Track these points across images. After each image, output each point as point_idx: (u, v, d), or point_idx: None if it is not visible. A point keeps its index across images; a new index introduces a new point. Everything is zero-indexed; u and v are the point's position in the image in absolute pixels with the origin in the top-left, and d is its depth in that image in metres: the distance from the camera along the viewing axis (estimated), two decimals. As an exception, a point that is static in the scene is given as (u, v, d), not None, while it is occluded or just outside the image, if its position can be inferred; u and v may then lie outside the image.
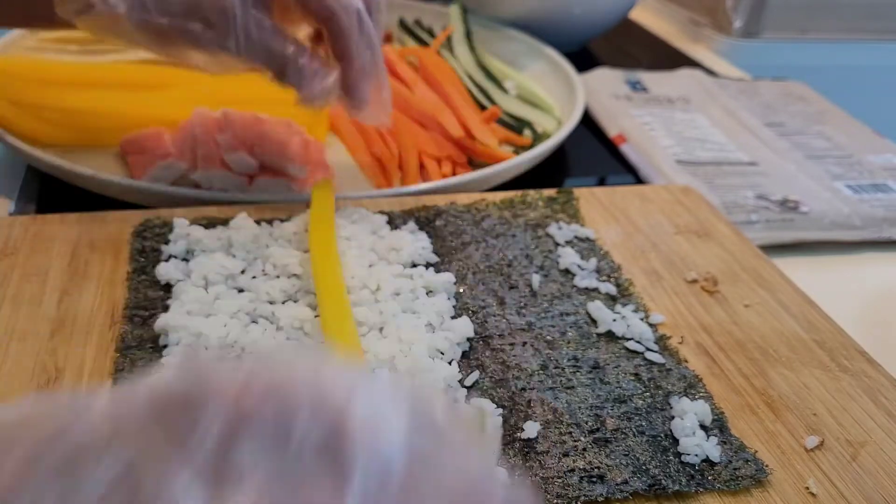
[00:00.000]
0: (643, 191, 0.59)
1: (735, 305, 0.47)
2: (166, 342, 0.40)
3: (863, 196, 0.66)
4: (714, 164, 0.70)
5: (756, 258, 0.52)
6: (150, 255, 0.46)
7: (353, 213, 0.50)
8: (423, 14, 0.92)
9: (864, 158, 0.74)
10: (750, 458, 0.36)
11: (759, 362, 0.43)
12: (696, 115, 0.80)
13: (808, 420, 0.39)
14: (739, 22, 1.05)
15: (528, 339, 0.43)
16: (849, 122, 0.82)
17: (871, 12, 1.09)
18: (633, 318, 0.44)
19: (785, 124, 0.80)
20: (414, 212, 0.53)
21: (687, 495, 0.34)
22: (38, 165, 0.56)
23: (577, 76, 0.77)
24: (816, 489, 0.35)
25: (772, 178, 0.68)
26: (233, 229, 0.48)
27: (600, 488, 0.34)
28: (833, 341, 0.45)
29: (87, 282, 0.44)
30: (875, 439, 0.38)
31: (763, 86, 0.90)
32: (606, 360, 0.42)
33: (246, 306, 0.42)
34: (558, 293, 0.46)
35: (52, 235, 0.48)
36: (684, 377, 0.41)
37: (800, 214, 0.63)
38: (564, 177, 0.70)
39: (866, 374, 0.42)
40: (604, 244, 0.52)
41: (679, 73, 0.90)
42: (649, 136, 0.74)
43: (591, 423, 0.37)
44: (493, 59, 0.83)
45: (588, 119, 0.78)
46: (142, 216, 0.50)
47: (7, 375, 0.38)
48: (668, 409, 0.39)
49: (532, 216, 0.54)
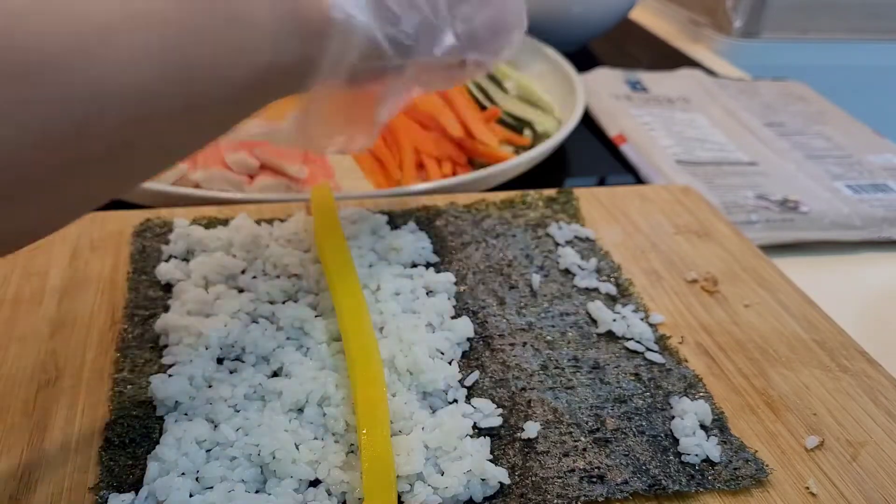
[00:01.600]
0: (643, 191, 0.59)
1: (735, 305, 0.47)
2: (166, 342, 0.40)
3: (863, 196, 0.66)
4: (714, 164, 0.70)
5: (756, 258, 0.52)
6: (151, 255, 0.46)
7: (353, 213, 0.50)
8: (423, 14, 0.92)
9: (864, 158, 0.74)
10: (750, 457, 0.36)
11: (759, 362, 0.43)
12: (696, 115, 0.80)
13: (808, 420, 0.39)
14: (739, 22, 1.05)
15: (529, 339, 0.43)
16: (849, 122, 0.82)
17: (871, 12, 1.09)
18: (633, 318, 0.44)
19: (785, 124, 0.80)
20: (414, 212, 0.53)
21: (687, 495, 0.34)
22: (38, 165, 0.56)
23: (577, 76, 0.77)
24: (816, 489, 0.35)
25: (772, 178, 0.68)
26: (233, 229, 0.48)
27: (600, 488, 0.34)
28: (833, 341, 0.45)
29: (88, 282, 0.44)
30: (875, 439, 0.38)
31: (763, 86, 0.90)
32: (606, 360, 0.42)
33: (246, 306, 0.42)
34: (558, 293, 0.46)
35: (53, 236, 0.47)
36: (684, 377, 0.41)
37: (800, 214, 0.63)
38: (564, 177, 0.70)
39: (866, 374, 0.42)
40: (604, 244, 0.52)
41: (679, 73, 0.90)
42: (649, 136, 0.74)
43: (592, 423, 0.37)
44: (493, 59, 0.83)
45: (588, 119, 0.78)
46: (142, 216, 0.50)
47: (7, 375, 0.38)
48: (668, 409, 0.39)
49: (532, 216, 0.54)
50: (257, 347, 0.40)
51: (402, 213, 0.52)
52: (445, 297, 0.44)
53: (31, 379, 0.38)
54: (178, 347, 0.39)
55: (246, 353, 0.40)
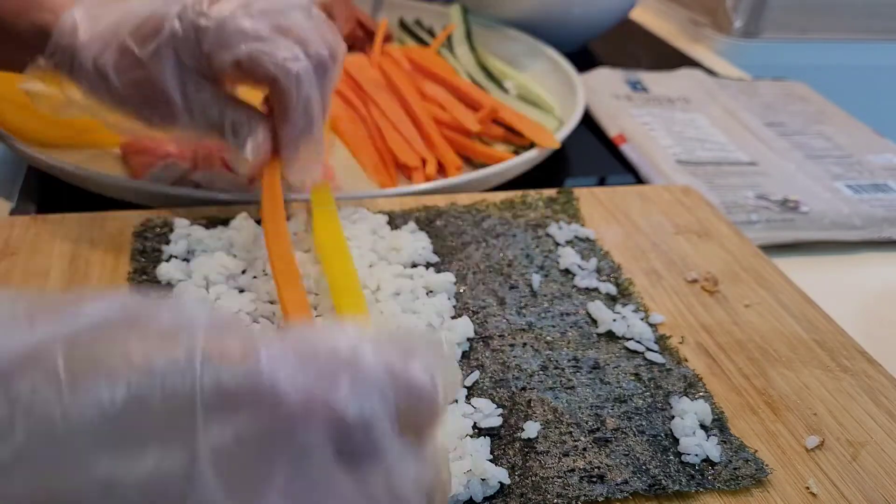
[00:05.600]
0: (643, 191, 0.59)
1: (735, 305, 0.47)
2: (167, 342, 0.40)
3: (863, 196, 0.66)
4: (714, 164, 0.70)
5: (756, 258, 0.52)
6: (151, 256, 0.46)
7: (353, 213, 0.50)
8: (423, 14, 0.92)
9: (864, 158, 0.74)
10: (750, 457, 0.36)
11: (759, 362, 0.43)
12: (696, 115, 0.80)
13: (808, 420, 0.39)
14: (739, 22, 1.05)
15: (529, 339, 0.43)
16: (849, 122, 0.82)
17: (871, 12, 1.09)
18: (633, 318, 0.44)
19: (785, 124, 0.80)
20: (414, 212, 0.53)
21: (687, 495, 0.34)
22: (38, 165, 0.56)
23: (577, 76, 0.77)
24: (817, 489, 0.35)
25: (772, 178, 0.68)
26: (233, 229, 0.48)
27: (600, 488, 0.34)
28: (833, 341, 0.45)
29: (88, 282, 0.44)
30: (875, 439, 0.38)
31: (763, 86, 0.90)
32: (606, 360, 0.42)
33: (247, 306, 0.42)
34: (558, 293, 0.46)
35: (53, 236, 0.48)
36: (684, 377, 0.41)
37: (800, 214, 0.63)
38: (564, 177, 0.70)
39: (866, 374, 0.42)
40: (604, 244, 0.52)
41: (679, 73, 0.90)
42: (649, 136, 0.74)
43: (592, 422, 0.37)
44: (494, 59, 0.83)
45: (588, 119, 0.78)
46: (142, 216, 0.50)
47: (7, 375, 0.38)
48: (668, 408, 0.39)
49: (532, 216, 0.54)
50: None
51: (402, 213, 0.52)
52: (445, 297, 0.44)
53: (32, 379, 0.38)
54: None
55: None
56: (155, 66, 0.44)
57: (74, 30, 0.45)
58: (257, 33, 0.44)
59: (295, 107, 0.46)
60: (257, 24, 0.44)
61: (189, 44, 0.44)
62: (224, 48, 0.44)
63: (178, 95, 0.45)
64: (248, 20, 0.44)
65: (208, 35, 0.44)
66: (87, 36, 0.45)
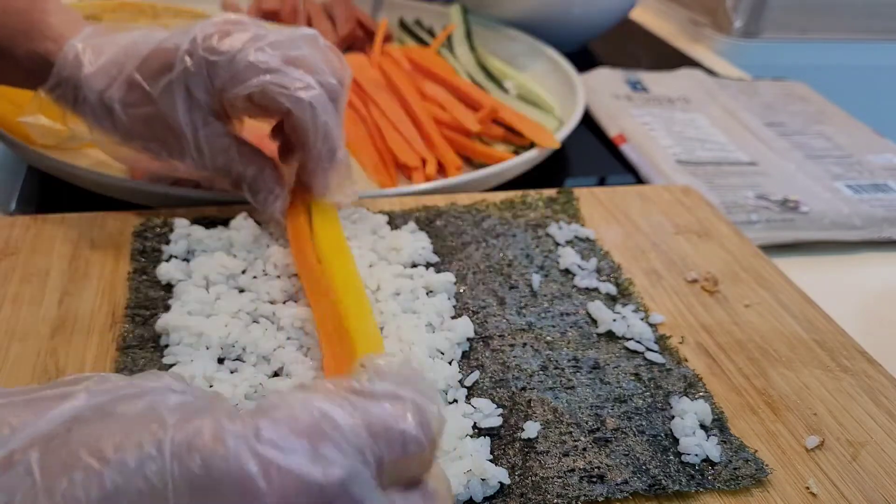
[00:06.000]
0: (643, 191, 0.59)
1: (735, 305, 0.47)
2: (167, 342, 0.40)
3: (863, 196, 0.66)
4: (714, 164, 0.70)
5: (756, 258, 0.52)
6: (151, 256, 0.46)
7: (353, 213, 0.50)
8: (423, 14, 0.92)
9: (864, 158, 0.74)
10: (750, 457, 0.36)
11: (759, 362, 0.43)
12: (696, 115, 0.80)
13: (808, 420, 0.39)
14: (739, 22, 1.05)
15: (529, 339, 0.43)
16: (849, 122, 0.82)
17: (871, 12, 1.09)
18: (633, 318, 0.44)
19: (785, 124, 0.80)
20: (414, 212, 0.53)
21: (687, 495, 0.34)
22: (38, 165, 0.56)
23: (577, 76, 0.77)
24: (817, 489, 0.35)
25: (772, 178, 0.68)
26: (233, 229, 0.48)
27: (600, 488, 0.34)
28: (833, 341, 0.45)
29: (88, 282, 0.44)
30: (875, 439, 0.38)
31: (763, 86, 0.90)
32: (606, 360, 0.42)
33: (247, 306, 0.42)
34: (558, 293, 0.46)
35: (53, 235, 0.48)
36: (684, 377, 0.41)
37: (800, 214, 0.63)
38: (564, 177, 0.70)
39: (866, 374, 0.42)
40: (604, 244, 0.52)
41: (679, 73, 0.90)
42: (649, 136, 0.74)
43: (592, 422, 0.37)
44: (494, 59, 0.83)
45: (588, 119, 0.78)
46: (142, 216, 0.50)
47: (7, 375, 0.38)
48: (668, 408, 0.39)
49: (532, 216, 0.54)
50: (258, 347, 0.40)
51: (402, 213, 0.52)
52: (445, 297, 0.44)
53: (32, 379, 0.38)
54: (178, 347, 0.39)
55: (246, 353, 0.40)
56: (166, 103, 0.44)
57: (78, 62, 0.45)
58: (268, 66, 0.44)
59: (314, 136, 0.45)
60: (268, 57, 0.44)
61: (201, 79, 0.44)
62: (236, 83, 0.44)
63: (188, 131, 0.45)
64: (260, 53, 0.44)
65: (219, 70, 0.44)
66: (92, 69, 0.45)
